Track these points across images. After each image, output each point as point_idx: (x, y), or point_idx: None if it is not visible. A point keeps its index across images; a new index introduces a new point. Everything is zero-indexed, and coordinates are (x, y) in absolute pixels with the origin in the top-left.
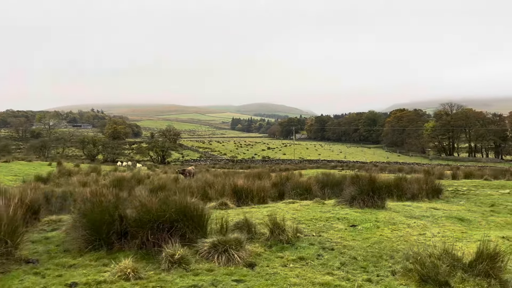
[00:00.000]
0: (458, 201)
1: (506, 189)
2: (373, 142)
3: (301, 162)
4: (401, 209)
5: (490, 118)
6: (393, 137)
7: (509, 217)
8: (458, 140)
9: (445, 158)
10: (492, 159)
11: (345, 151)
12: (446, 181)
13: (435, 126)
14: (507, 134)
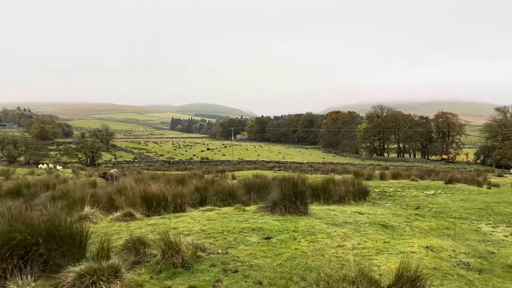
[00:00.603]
0: (384, 204)
1: (431, 190)
2: (310, 143)
3: (239, 163)
4: (325, 215)
5: (417, 121)
6: (329, 138)
7: (434, 221)
8: (388, 141)
9: (376, 158)
10: (419, 159)
11: (284, 152)
12: (374, 182)
13: (367, 127)
14: (433, 135)
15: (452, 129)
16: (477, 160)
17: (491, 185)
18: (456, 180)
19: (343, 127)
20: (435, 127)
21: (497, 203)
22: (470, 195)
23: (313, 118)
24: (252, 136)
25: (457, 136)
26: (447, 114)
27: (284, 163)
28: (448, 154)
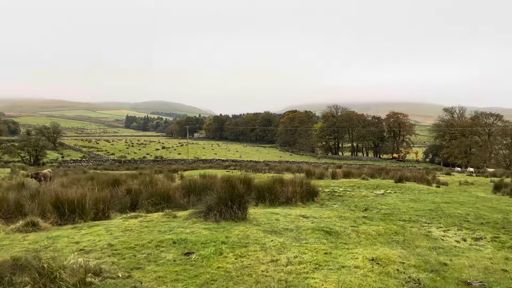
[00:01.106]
0: (333, 205)
1: (381, 189)
2: (268, 141)
3: (195, 162)
4: (265, 220)
5: (370, 120)
6: (286, 137)
7: (382, 225)
8: (342, 140)
9: (331, 157)
10: (371, 158)
11: (241, 151)
12: (325, 181)
13: (322, 127)
14: (384, 135)
15: (402, 128)
16: (426, 158)
17: (440, 183)
18: (406, 179)
19: (300, 126)
20: (387, 126)
21: (447, 203)
22: (420, 195)
23: (271, 117)
24: (210, 134)
25: (407, 135)
26: (398, 114)
27: (241, 162)
28: (398, 153)
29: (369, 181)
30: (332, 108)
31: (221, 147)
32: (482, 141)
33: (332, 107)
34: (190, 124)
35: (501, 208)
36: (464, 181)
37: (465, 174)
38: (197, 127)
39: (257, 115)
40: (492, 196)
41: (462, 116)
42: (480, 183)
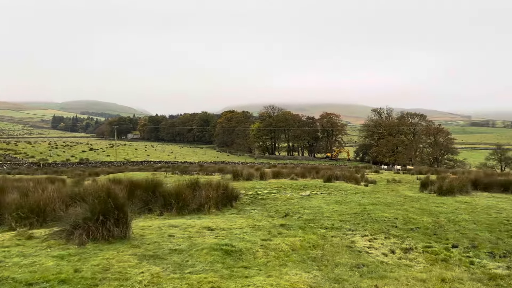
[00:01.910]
0: (251, 210)
1: (307, 190)
2: (206, 142)
3: (124, 164)
4: (155, 237)
5: (305, 121)
6: (224, 137)
7: (300, 235)
8: (279, 140)
9: (268, 157)
10: (306, 157)
11: (177, 152)
12: (252, 182)
13: (259, 127)
14: (318, 134)
15: (335, 128)
16: (356, 157)
17: (368, 182)
18: (335, 178)
19: (237, 127)
20: (320, 126)
21: (374, 205)
22: (346, 196)
23: (209, 117)
24: (145, 135)
25: (339, 135)
26: (331, 115)
27: (174, 164)
28: (331, 152)
29: (297, 181)
30: (269, 109)
31: (155, 148)
32: (408, 140)
33: (268, 107)
34: (123, 125)
35: (430, 210)
36: (392, 179)
37: (392, 171)
38: (131, 128)
39: (195, 115)
40: (420, 195)
41: (390, 117)
42: (407, 181)
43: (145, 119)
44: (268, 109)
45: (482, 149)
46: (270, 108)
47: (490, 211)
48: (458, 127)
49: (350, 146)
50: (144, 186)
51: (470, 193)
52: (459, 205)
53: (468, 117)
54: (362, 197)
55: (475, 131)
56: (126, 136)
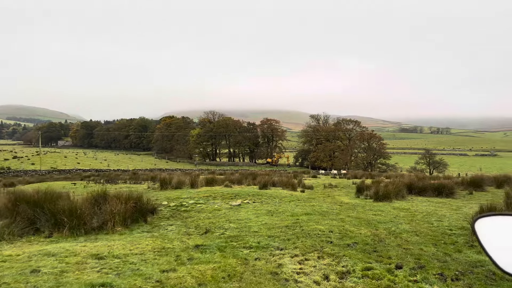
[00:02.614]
0: (167, 227)
1: (239, 199)
2: (144, 149)
3: (49, 173)
4: (15, 273)
5: (246, 126)
6: (163, 143)
7: (215, 259)
8: (220, 146)
9: (208, 163)
10: (247, 163)
11: (111, 159)
12: (181, 191)
13: (200, 133)
14: (259, 140)
15: (275, 134)
16: (296, 162)
17: (305, 187)
18: (272, 184)
19: (177, 133)
20: (261, 132)
21: (308, 215)
22: (280, 204)
23: (147, 123)
24: (77, 142)
25: (279, 141)
26: (271, 121)
27: (106, 172)
28: (272, 158)
29: (231, 189)
30: (209, 114)
31: (87, 156)
32: (343, 145)
33: (209, 113)
34: (53, 131)
35: (368, 219)
36: (329, 184)
37: (329, 176)
38: (62, 134)
39: (132, 121)
40: (356, 202)
41: (327, 123)
42: (343, 185)
43: (78, 124)
44: (209, 115)
45: (412, 153)
46: (211, 114)
47: (430, 218)
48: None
49: (290, 152)
50: (33, 200)
51: (406, 198)
52: (398, 212)
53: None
54: (297, 206)
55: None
56: (56, 143)
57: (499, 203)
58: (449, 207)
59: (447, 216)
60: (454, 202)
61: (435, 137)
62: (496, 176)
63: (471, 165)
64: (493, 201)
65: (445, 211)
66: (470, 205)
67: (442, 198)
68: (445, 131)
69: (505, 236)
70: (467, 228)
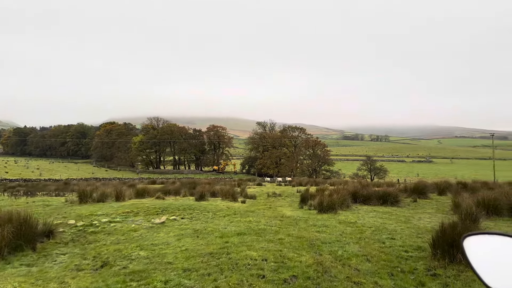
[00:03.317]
0: (59, 256)
1: (164, 215)
2: (83, 157)
3: None
4: None
5: (192, 133)
6: (103, 151)
7: None
8: (164, 154)
9: (152, 172)
10: (193, 171)
11: (45, 168)
12: (100, 205)
13: (142, 139)
14: (205, 147)
15: (222, 141)
16: (243, 169)
17: (247, 197)
18: (212, 194)
19: (118, 139)
20: (207, 139)
21: (241, 235)
22: (212, 220)
23: (86, 129)
24: (9, 149)
25: (226, 148)
26: (217, 128)
27: (35, 181)
28: (218, 165)
29: (162, 201)
30: (153, 120)
31: (18, 164)
32: (289, 152)
33: (153, 119)
34: None
35: (310, 239)
36: (273, 192)
37: (275, 184)
38: None
39: (69, 127)
40: (299, 215)
41: (273, 130)
42: (287, 194)
43: (10, 131)
44: (153, 121)
45: (354, 160)
46: (155, 120)
47: (381, 236)
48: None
49: (238, 159)
50: None
51: (351, 208)
52: (344, 227)
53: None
54: (231, 222)
55: (347, 144)
56: None
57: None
58: (397, 219)
59: (398, 232)
60: (400, 211)
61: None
62: (438, 183)
63: (409, 171)
64: (438, 209)
65: (395, 225)
66: (418, 215)
67: (387, 207)
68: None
69: (492, 254)
70: (424, 248)
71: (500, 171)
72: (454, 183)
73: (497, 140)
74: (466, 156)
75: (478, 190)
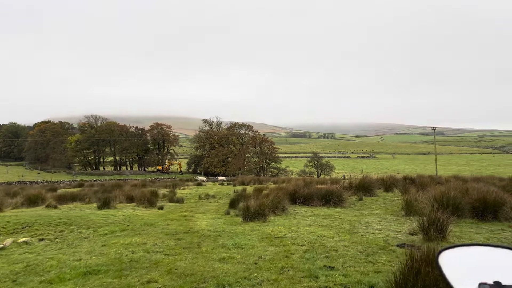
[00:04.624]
0: None
1: (36, 233)
2: (16, 159)
3: None
4: None
5: (133, 132)
6: (37, 152)
7: None
8: (103, 154)
9: (90, 173)
10: (135, 171)
11: None
12: None
13: (79, 139)
14: (149, 146)
15: (166, 140)
16: (189, 169)
17: (173, 201)
18: (129, 199)
19: (53, 139)
20: (151, 138)
21: (88, 276)
22: (79, 244)
23: (19, 129)
24: None
25: (171, 146)
26: (162, 126)
27: None
28: (163, 165)
29: (50, 211)
30: (91, 119)
31: None
32: (236, 150)
33: (90, 117)
34: None
35: (203, 277)
36: (206, 194)
37: (217, 183)
38: None
39: (0, 127)
40: (216, 227)
41: (220, 127)
42: (222, 195)
43: None
44: (90, 119)
45: (302, 157)
46: (93, 118)
47: (314, 262)
48: (281, 138)
49: (185, 158)
50: None
51: (288, 211)
52: (265, 247)
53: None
54: (102, 246)
55: (296, 141)
56: None
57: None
58: (340, 225)
59: (340, 252)
60: (345, 214)
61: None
62: (384, 179)
63: (354, 167)
64: (387, 210)
65: (336, 238)
66: (365, 219)
67: (330, 208)
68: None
69: (466, 266)
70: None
71: (439, 165)
72: (400, 178)
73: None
74: (406, 152)
75: (426, 185)
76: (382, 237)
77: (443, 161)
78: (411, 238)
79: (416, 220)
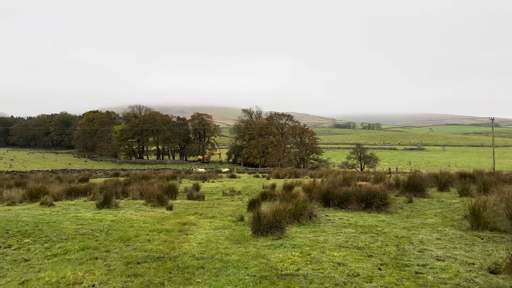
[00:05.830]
0: None
1: None
2: (67, 147)
3: None
4: None
5: (175, 122)
6: (85, 140)
7: None
8: (147, 143)
9: (134, 162)
10: (177, 161)
11: (20, 159)
12: None
13: (124, 128)
14: (190, 136)
15: (207, 129)
16: (229, 159)
17: (192, 197)
18: (140, 194)
19: (100, 128)
20: (192, 128)
21: None
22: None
23: (69, 118)
24: None
25: (212, 136)
26: (203, 115)
27: None
28: (203, 154)
29: (34, 212)
30: (135, 109)
31: None
32: (276, 141)
33: (134, 107)
34: None
35: None
36: (231, 190)
37: (252, 175)
38: None
39: (53, 117)
40: (211, 243)
41: (259, 117)
42: (250, 191)
43: None
44: (134, 109)
45: (345, 148)
46: (137, 108)
47: None
48: (324, 129)
49: (226, 148)
50: None
51: (316, 218)
52: None
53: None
54: (21, 283)
55: (339, 132)
56: None
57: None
58: (383, 249)
59: None
60: (390, 224)
61: (367, 132)
62: (437, 175)
63: (400, 159)
64: (445, 218)
65: (376, 282)
66: (418, 235)
67: (371, 214)
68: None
69: None
70: None
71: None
72: (455, 175)
73: (487, 127)
74: (458, 143)
75: (490, 184)
76: (448, 277)
77: (499, 154)
78: (494, 282)
79: (492, 240)
